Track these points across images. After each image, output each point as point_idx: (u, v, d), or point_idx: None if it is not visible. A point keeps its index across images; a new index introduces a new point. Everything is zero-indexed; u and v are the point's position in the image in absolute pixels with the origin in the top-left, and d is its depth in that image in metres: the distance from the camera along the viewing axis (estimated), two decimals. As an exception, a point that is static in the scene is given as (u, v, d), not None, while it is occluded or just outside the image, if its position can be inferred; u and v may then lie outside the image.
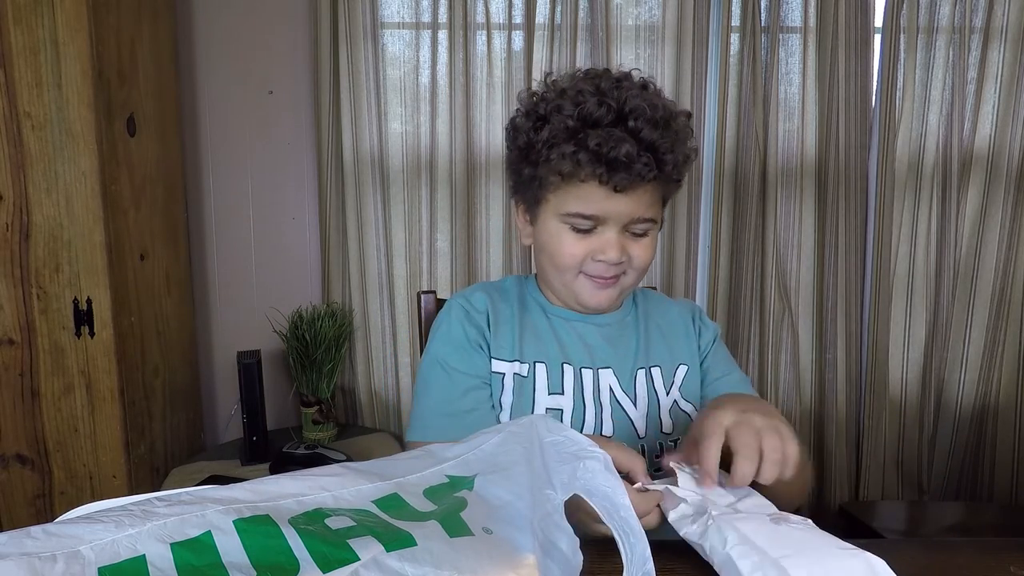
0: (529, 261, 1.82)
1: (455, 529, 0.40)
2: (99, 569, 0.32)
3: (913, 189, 1.87)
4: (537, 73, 1.76)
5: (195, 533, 0.35)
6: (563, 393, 0.81)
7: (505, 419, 0.82)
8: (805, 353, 1.92)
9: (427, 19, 1.77)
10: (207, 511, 0.36)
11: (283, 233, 1.89)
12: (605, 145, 0.70)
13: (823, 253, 1.87)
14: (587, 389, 0.81)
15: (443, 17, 1.76)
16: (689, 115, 0.79)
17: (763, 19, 1.79)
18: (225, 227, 1.88)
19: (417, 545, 0.37)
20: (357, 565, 0.35)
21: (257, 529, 0.36)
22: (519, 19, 1.78)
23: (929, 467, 1.95)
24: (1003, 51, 1.82)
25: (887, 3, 1.78)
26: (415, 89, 1.81)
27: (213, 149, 1.85)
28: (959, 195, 1.86)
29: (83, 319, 1.38)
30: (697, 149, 0.81)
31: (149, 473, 1.54)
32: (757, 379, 1.91)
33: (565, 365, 0.82)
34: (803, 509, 0.73)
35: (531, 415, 0.51)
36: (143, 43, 1.55)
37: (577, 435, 0.47)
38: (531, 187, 0.79)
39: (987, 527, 1.74)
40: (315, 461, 1.53)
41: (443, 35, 1.77)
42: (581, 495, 0.45)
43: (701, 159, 1.85)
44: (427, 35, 1.78)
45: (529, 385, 0.81)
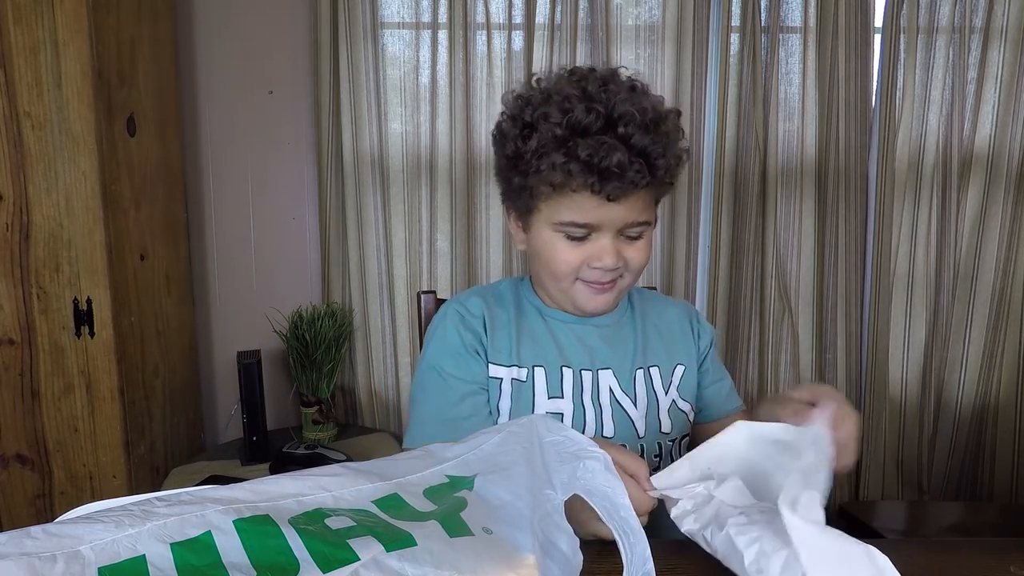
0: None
1: (455, 529, 0.40)
2: (99, 569, 0.32)
3: (913, 189, 1.87)
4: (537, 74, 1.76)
5: (195, 533, 0.35)
6: (563, 396, 0.80)
7: None
8: (805, 353, 1.92)
9: (427, 19, 1.77)
10: (207, 511, 0.36)
11: (283, 233, 1.89)
12: (596, 155, 0.69)
13: (823, 253, 1.87)
14: (587, 391, 0.81)
15: (443, 17, 1.76)
16: (679, 113, 0.77)
17: (763, 19, 1.79)
18: (225, 227, 1.88)
19: (417, 545, 0.37)
20: (357, 565, 0.35)
21: (257, 529, 0.36)
22: (519, 19, 1.78)
23: (929, 467, 1.95)
24: (1003, 51, 1.82)
25: (887, 3, 1.78)
26: (415, 89, 1.81)
27: (213, 149, 1.85)
28: (959, 195, 1.86)
29: (83, 319, 1.38)
30: (689, 149, 0.79)
31: (149, 473, 1.54)
32: (757, 379, 1.91)
33: (564, 368, 0.81)
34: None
35: (531, 415, 0.51)
36: (143, 43, 1.55)
37: (577, 435, 0.47)
38: (522, 196, 0.77)
39: (987, 527, 1.73)
40: (315, 461, 1.53)
41: (443, 35, 1.77)
42: (581, 495, 0.45)
43: (701, 159, 1.85)
44: (427, 35, 1.78)
45: (528, 389, 0.80)
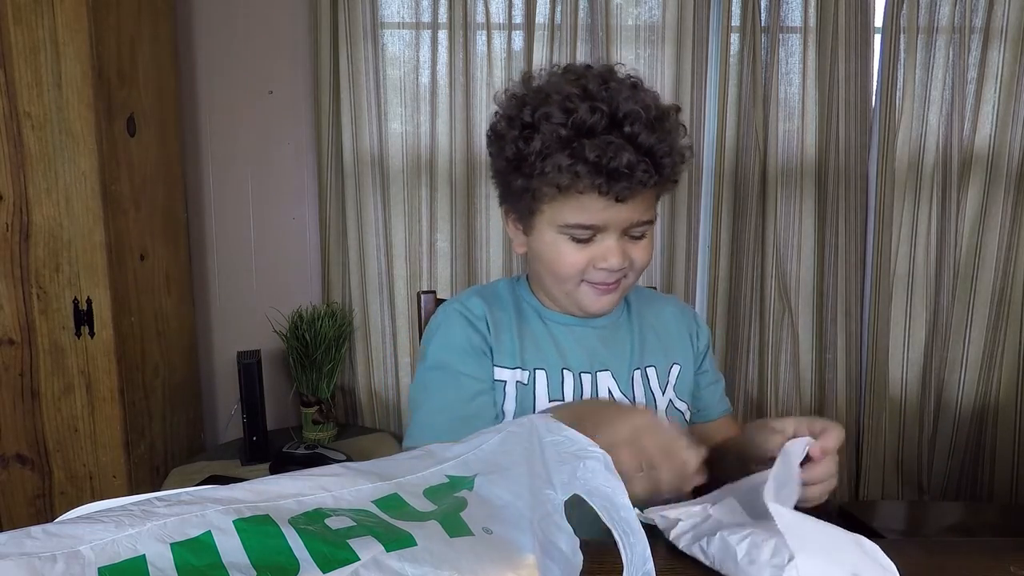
0: (529, 261, 1.81)
1: (455, 529, 0.40)
2: (99, 569, 0.32)
3: (913, 189, 1.87)
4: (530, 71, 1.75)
5: (195, 533, 0.35)
6: (563, 399, 0.80)
7: None
8: (805, 353, 1.92)
9: (427, 19, 1.77)
10: (207, 511, 0.36)
11: (283, 233, 1.89)
12: (604, 156, 0.67)
13: (823, 253, 1.87)
14: (587, 394, 0.81)
15: (443, 17, 1.76)
16: (678, 109, 0.76)
17: (763, 19, 1.79)
18: (225, 227, 1.88)
19: (417, 545, 0.37)
20: (357, 565, 0.34)
21: (257, 529, 0.36)
22: (519, 19, 1.78)
23: (929, 467, 1.95)
24: (1003, 51, 1.81)
25: (887, 3, 1.78)
26: (415, 89, 1.80)
27: (213, 149, 1.85)
28: (959, 195, 1.86)
29: (83, 319, 1.38)
30: (691, 146, 0.79)
31: (149, 473, 1.54)
32: (757, 379, 1.91)
33: (565, 371, 0.81)
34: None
35: (531, 415, 0.51)
36: (143, 43, 1.55)
37: (577, 435, 0.47)
38: (523, 198, 0.75)
39: (987, 527, 1.73)
40: (315, 461, 1.53)
41: (443, 35, 1.77)
42: (581, 495, 0.45)
43: (701, 159, 1.85)
44: (427, 35, 1.78)
45: (530, 392, 0.80)
